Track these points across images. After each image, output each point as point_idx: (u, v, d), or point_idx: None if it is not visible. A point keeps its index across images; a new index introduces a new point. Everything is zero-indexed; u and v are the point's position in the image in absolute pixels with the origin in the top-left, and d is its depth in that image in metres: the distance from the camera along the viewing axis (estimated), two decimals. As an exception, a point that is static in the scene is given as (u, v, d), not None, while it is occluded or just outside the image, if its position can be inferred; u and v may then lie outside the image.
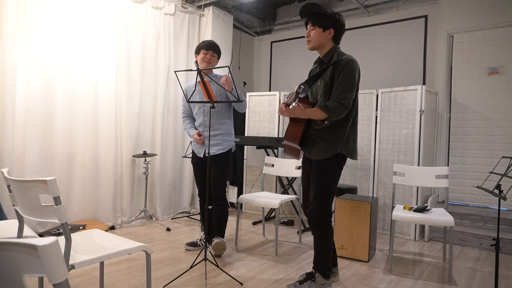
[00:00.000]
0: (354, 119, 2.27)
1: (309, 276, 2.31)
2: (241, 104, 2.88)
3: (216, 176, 2.95)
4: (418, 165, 3.64)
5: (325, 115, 2.12)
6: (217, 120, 2.99)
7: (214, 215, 2.98)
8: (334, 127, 2.23)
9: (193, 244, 3.13)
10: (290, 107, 2.12)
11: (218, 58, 3.06)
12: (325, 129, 2.24)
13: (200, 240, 3.14)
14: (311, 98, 2.38)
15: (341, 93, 2.12)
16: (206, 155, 2.98)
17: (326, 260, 2.29)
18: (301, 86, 2.10)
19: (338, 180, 2.29)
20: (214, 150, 2.95)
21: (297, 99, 2.11)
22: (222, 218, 2.97)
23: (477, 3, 4.03)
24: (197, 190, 3.34)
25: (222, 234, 2.98)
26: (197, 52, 3.01)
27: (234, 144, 3.11)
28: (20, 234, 1.80)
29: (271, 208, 4.34)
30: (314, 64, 2.41)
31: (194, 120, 3.13)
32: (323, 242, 2.28)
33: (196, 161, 3.08)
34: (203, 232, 3.27)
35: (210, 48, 2.97)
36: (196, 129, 3.07)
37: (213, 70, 3.03)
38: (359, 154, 4.10)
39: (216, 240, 2.87)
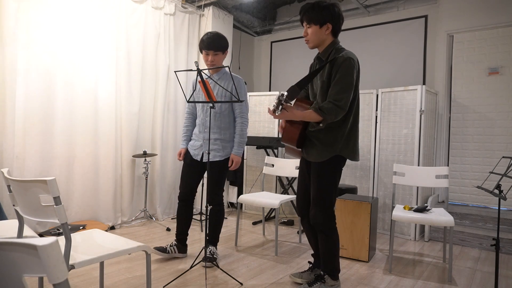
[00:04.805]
0: (355, 119, 2.16)
1: (318, 278, 2.27)
2: (241, 107, 2.77)
3: (214, 183, 2.79)
4: (418, 165, 3.64)
5: (319, 117, 2.01)
6: (219, 123, 2.79)
7: (210, 221, 2.84)
8: (332, 128, 2.12)
9: (162, 250, 2.85)
10: (276, 113, 2.02)
11: (224, 52, 2.77)
12: (322, 130, 2.14)
13: (171, 246, 2.87)
14: (311, 96, 2.28)
15: (338, 93, 2.01)
16: (204, 160, 2.83)
17: (334, 262, 2.24)
18: (283, 93, 1.99)
19: (338, 182, 2.20)
20: (211, 156, 2.78)
21: (280, 106, 2.00)
22: (218, 225, 2.87)
23: (477, 3, 4.03)
24: (200, 189, 3.20)
25: (216, 241, 2.88)
26: (200, 51, 2.83)
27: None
28: (20, 234, 1.80)
29: (271, 208, 4.34)
30: (314, 60, 2.31)
31: (195, 118, 2.99)
32: (330, 245, 2.21)
33: (190, 161, 2.86)
34: (175, 239, 2.96)
35: (210, 48, 2.72)
36: (187, 141, 2.94)
37: (224, 68, 2.83)
38: (359, 154, 4.08)
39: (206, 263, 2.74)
